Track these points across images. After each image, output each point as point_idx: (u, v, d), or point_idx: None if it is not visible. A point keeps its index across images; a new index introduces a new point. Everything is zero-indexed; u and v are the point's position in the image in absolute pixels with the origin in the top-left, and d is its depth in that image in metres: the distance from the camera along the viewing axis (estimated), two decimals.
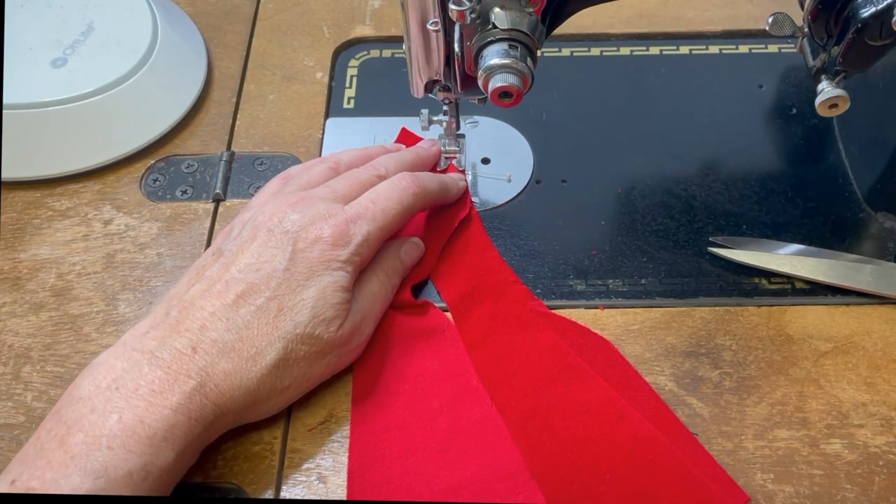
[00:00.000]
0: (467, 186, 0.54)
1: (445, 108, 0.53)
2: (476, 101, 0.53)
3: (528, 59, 0.43)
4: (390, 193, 0.48)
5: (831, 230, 0.53)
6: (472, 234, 0.53)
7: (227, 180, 0.57)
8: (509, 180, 0.56)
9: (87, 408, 0.39)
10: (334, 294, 0.44)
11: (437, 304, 0.50)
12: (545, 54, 0.63)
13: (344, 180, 0.49)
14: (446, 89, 0.51)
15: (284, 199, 0.47)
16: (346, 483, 0.43)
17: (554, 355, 0.46)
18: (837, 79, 0.45)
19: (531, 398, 0.45)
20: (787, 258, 0.51)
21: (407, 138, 0.57)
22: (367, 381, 0.47)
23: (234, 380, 0.42)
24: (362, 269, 0.47)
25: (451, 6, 0.41)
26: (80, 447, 0.38)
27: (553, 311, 0.50)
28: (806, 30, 0.45)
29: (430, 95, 0.51)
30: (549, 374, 0.46)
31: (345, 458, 0.44)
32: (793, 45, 0.63)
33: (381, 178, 0.50)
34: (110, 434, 0.38)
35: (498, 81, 0.42)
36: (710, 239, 0.53)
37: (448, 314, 0.50)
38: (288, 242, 0.44)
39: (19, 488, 0.37)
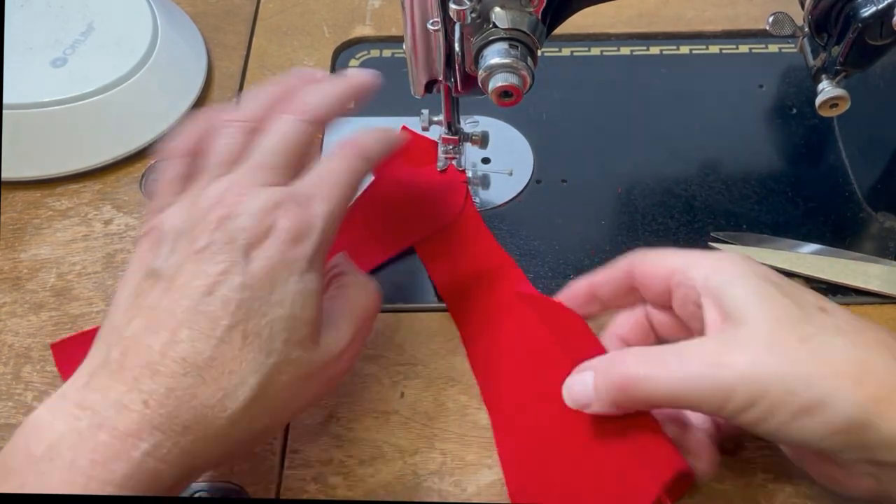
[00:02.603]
0: (467, 190, 0.54)
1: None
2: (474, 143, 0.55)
3: (529, 58, 0.43)
4: (337, 166, 0.41)
5: (831, 230, 0.53)
6: (467, 220, 0.53)
7: None
8: (511, 174, 0.56)
9: (17, 483, 0.33)
10: (305, 306, 0.37)
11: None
12: (545, 54, 0.63)
13: (269, 141, 0.40)
14: (450, 133, 0.53)
15: (216, 194, 0.38)
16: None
17: (537, 350, 0.45)
18: (838, 78, 0.45)
19: (528, 417, 0.45)
20: (788, 255, 0.51)
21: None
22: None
23: (199, 433, 0.34)
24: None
25: (452, 6, 0.41)
26: None
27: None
28: (806, 29, 0.45)
29: (430, 95, 0.51)
30: (531, 370, 0.45)
31: (344, 458, 0.44)
32: (793, 45, 0.62)
33: (309, 121, 0.41)
34: None
35: (498, 81, 0.42)
36: (712, 234, 0.53)
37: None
38: (237, 250, 0.36)
39: None
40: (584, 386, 0.39)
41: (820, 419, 0.34)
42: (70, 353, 0.48)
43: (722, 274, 0.38)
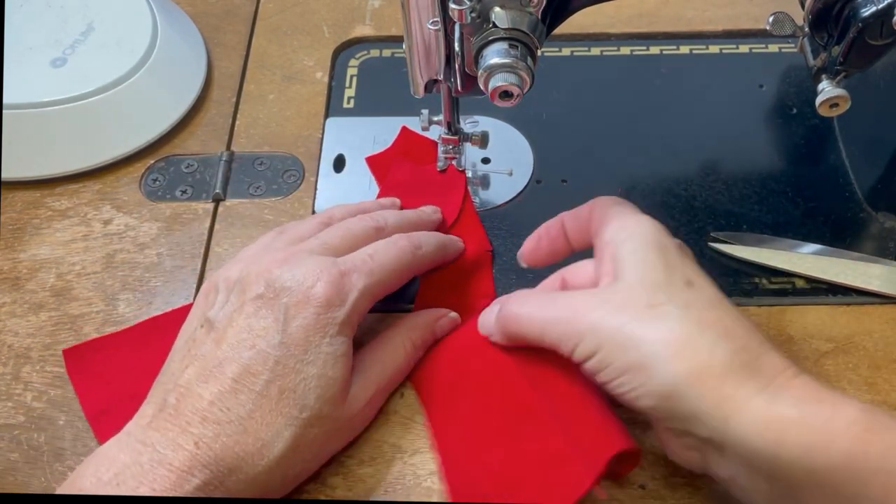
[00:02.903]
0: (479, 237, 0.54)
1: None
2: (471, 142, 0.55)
3: (529, 58, 0.42)
4: (388, 250, 0.45)
5: (832, 230, 0.53)
6: (471, 225, 0.53)
7: (226, 180, 0.57)
8: (510, 174, 0.56)
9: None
10: (335, 367, 0.41)
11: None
12: (545, 54, 0.63)
13: (336, 231, 0.46)
14: (450, 133, 0.53)
15: (272, 257, 0.43)
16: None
17: (496, 372, 0.45)
18: (838, 78, 0.45)
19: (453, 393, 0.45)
20: (787, 255, 0.51)
21: (408, 138, 0.57)
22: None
23: (241, 475, 0.39)
24: (375, 330, 0.47)
25: (452, 5, 0.41)
26: None
27: None
28: (806, 29, 0.45)
29: (429, 94, 0.51)
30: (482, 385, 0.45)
31: (344, 458, 0.44)
32: (793, 45, 0.63)
33: (378, 229, 0.47)
34: None
35: (498, 81, 0.42)
36: (712, 234, 0.53)
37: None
38: (279, 309, 0.41)
39: None
40: (490, 316, 0.44)
41: (639, 380, 0.37)
42: (82, 360, 0.48)
43: (622, 233, 0.41)
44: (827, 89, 0.45)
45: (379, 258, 0.44)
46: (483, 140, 0.54)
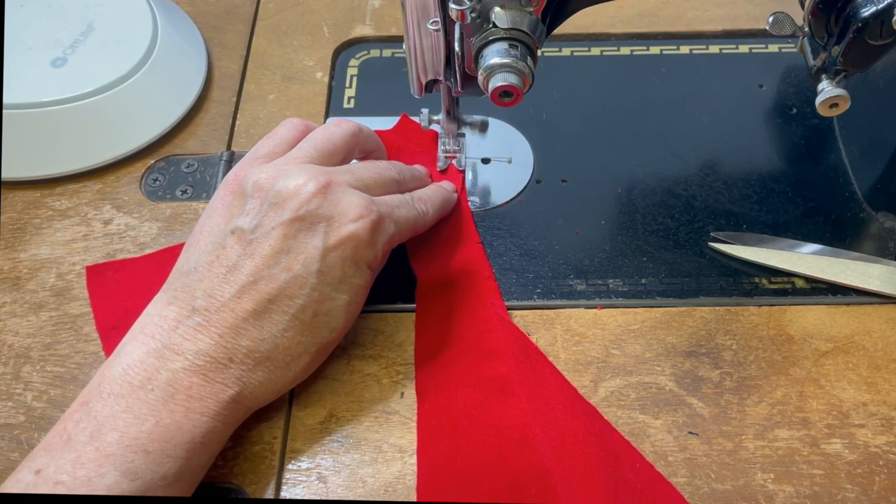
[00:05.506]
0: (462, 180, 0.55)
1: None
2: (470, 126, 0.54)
3: (529, 58, 0.43)
4: (409, 209, 0.47)
5: (831, 230, 0.53)
6: (461, 220, 0.53)
7: None
8: (510, 161, 0.56)
9: (121, 406, 0.39)
10: (361, 295, 0.45)
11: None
12: (545, 54, 0.63)
13: (368, 171, 0.47)
14: (451, 120, 0.53)
15: (308, 174, 0.43)
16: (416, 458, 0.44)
17: (490, 361, 0.46)
18: (838, 78, 0.45)
19: (450, 393, 0.46)
20: (787, 255, 0.51)
21: (408, 125, 0.57)
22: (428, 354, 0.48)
23: (269, 386, 0.42)
24: None
25: (452, 6, 0.41)
26: (114, 447, 0.37)
27: (553, 309, 0.50)
28: (806, 29, 0.45)
29: (429, 94, 0.51)
30: (477, 378, 0.46)
31: (345, 458, 0.44)
32: (793, 45, 0.63)
33: (398, 183, 0.49)
34: (148, 438, 0.38)
35: (498, 81, 0.42)
36: (712, 234, 0.53)
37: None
38: (319, 235, 0.42)
39: (46, 480, 0.37)
40: None
41: None
42: (102, 277, 0.51)
43: None
44: (827, 89, 0.45)
45: (403, 212, 0.46)
46: (482, 126, 0.54)
